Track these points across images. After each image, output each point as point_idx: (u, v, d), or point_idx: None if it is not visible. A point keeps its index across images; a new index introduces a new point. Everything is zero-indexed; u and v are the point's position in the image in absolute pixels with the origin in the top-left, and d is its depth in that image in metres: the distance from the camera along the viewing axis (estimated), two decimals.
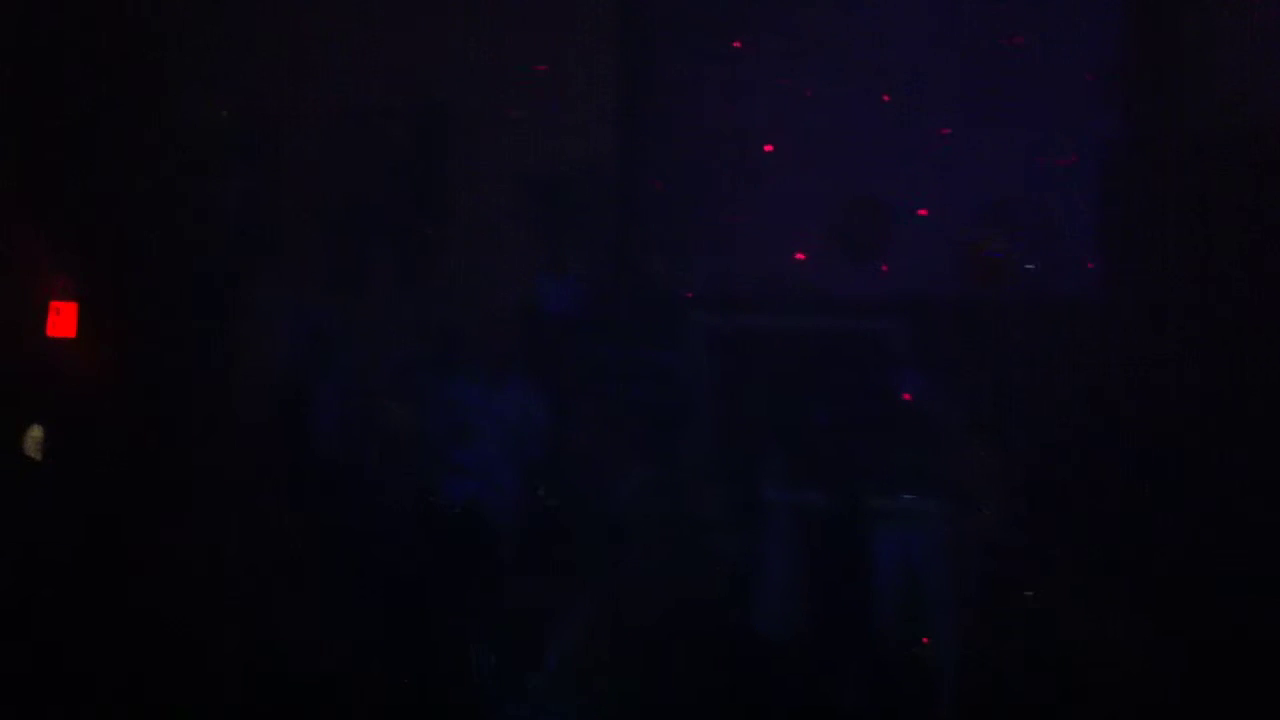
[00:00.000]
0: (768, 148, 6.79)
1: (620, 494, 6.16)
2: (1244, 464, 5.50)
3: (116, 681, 5.50)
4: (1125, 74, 6.43)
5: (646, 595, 5.79)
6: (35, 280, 5.83)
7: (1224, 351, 5.71)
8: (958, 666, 5.61)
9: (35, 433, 5.68)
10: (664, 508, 6.03)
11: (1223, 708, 5.10)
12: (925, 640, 5.72)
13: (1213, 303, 5.78)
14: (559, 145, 6.94)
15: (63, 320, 5.76)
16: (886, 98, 6.65)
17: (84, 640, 5.59)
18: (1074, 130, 6.42)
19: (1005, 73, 6.57)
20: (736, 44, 6.88)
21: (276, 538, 6.08)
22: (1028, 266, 6.30)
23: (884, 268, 6.49)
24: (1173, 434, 5.74)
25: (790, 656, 5.77)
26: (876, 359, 5.99)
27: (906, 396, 5.94)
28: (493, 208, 7.04)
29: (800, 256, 6.64)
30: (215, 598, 5.84)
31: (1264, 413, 5.55)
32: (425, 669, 5.70)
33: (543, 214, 6.96)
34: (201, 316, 6.45)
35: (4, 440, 5.78)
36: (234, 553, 5.99)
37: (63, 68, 6.03)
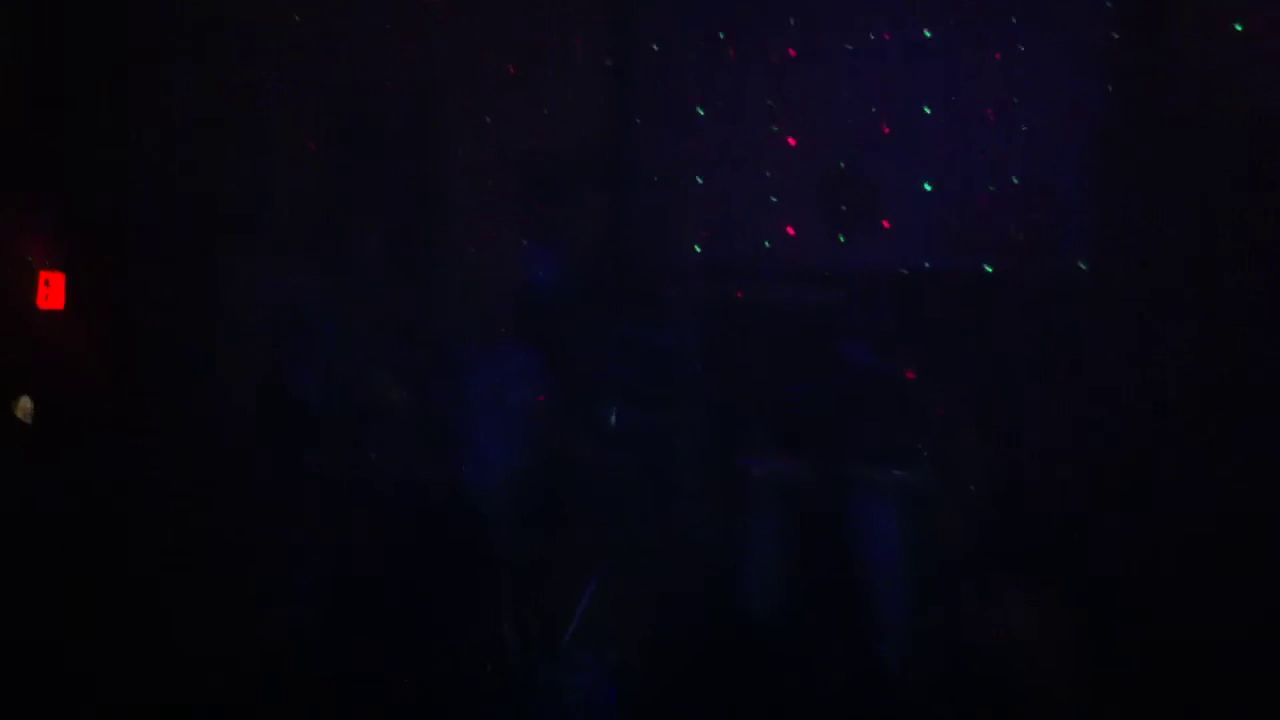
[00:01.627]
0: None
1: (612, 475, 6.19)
2: (1242, 460, 5.48)
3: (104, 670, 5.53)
4: (1115, 57, 6.42)
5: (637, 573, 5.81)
6: (25, 251, 5.86)
7: (1220, 339, 5.70)
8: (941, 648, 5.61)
9: (25, 403, 5.70)
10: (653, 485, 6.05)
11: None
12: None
13: (1210, 289, 5.76)
14: (552, 125, 6.97)
15: (53, 292, 5.79)
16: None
17: (75, 621, 5.62)
18: (1065, 115, 6.41)
19: (997, 55, 6.57)
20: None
21: (271, 519, 6.10)
22: (1014, 235, 6.27)
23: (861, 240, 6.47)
24: (1168, 426, 5.73)
25: (777, 635, 5.78)
26: (865, 333, 5.98)
27: (910, 375, 5.93)
28: (484, 185, 7.07)
29: (791, 231, 6.63)
30: (209, 577, 5.86)
31: (1262, 406, 5.53)
32: (424, 657, 5.72)
33: (534, 191, 6.98)
34: (194, 294, 6.49)
35: None
36: (226, 532, 6.02)
37: (58, 48, 6.06)
